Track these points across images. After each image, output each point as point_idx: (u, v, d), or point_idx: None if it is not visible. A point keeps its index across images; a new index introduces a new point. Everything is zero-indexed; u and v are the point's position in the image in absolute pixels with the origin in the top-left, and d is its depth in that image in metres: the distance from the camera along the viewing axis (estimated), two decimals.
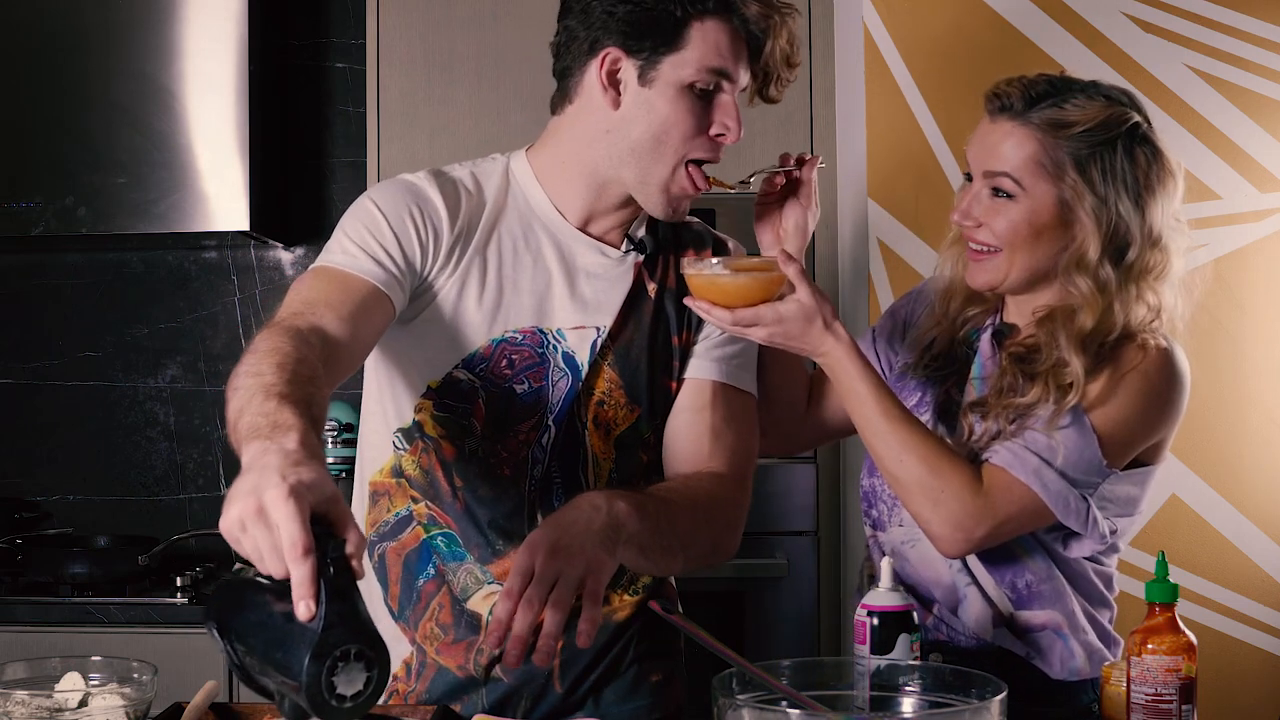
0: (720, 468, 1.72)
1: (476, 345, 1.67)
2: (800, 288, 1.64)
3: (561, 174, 1.71)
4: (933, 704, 1.33)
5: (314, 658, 1.07)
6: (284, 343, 1.38)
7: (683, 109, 1.63)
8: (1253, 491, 3.05)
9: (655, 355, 1.73)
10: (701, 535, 1.67)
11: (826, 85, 2.90)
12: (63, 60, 2.97)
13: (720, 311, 1.64)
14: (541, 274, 1.69)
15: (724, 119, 1.65)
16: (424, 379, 1.68)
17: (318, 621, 1.08)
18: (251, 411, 1.26)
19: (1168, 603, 1.56)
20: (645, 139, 1.64)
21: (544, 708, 1.72)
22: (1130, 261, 1.73)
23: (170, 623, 2.71)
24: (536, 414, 1.68)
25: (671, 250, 1.78)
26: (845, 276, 3.03)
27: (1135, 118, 1.74)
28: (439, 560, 1.70)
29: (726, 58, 1.63)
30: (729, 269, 1.64)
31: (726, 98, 1.65)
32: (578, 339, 1.69)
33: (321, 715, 1.09)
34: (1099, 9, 3.09)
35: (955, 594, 1.77)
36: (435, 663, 1.71)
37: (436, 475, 1.70)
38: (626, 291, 1.72)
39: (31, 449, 3.33)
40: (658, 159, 1.65)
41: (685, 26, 1.62)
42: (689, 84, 1.62)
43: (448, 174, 1.71)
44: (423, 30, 2.95)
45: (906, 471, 1.68)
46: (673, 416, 1.75)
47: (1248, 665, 3.05)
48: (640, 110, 1.64)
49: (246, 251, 3.32)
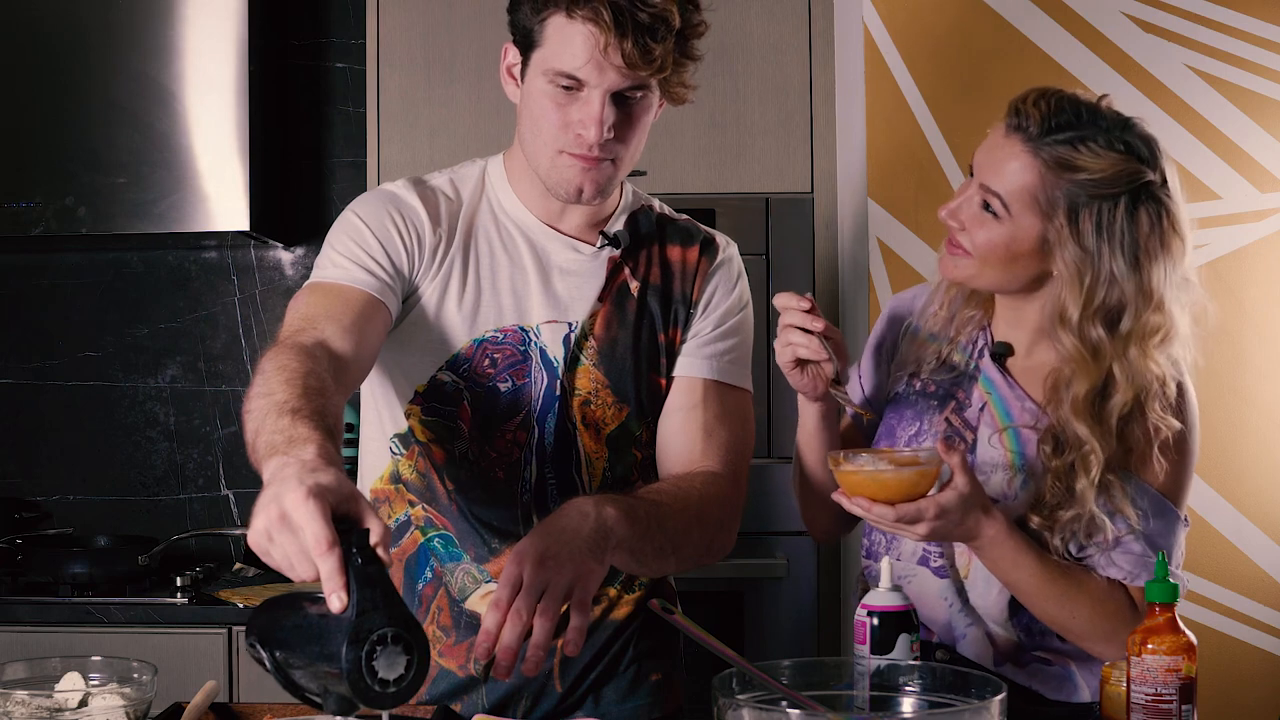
0: (714, 465, 1.71)
1: (458, 347, 1.68)
2: (960, 477, 1.60)
3: (523, 174, 1.73)
4: (933, 704, 1.33)
5: (351, 643, 1.09)
6: (290, 359, 1.40)
7: (548, 104, 1.63)
8: (1253, 491, 3.05)
9: (641, 353, 1.73)
10: (694, 536, 1.66)
11: (826, 85, 2.90)
12: (63, 60, 2.97)
13: (881, 508, 1.58)
14: (519, 273, 1.71)
15: (580, 117, 1.62)
16: (412, 384, 1.70)
17: (351, 609, 1.10)
18: (268, 430, 1.27)
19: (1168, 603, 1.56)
20: (526, 132, 1.68)
21: (544, 707, 1.72)
22: (1127, 327, 1.68)
23: (170, 623, 2.71)
24: (521, 412, 1.69)
25: (655, 246, 1.77)
26: (845, 276, 3.04)
27: (1149, 176, 1.68)
28: (436, 562, 1.71)
29: (572, 57, 1.59)
30: (890, 463, 1.59)
31: (588, 94, 1.61)
32: (550, 334, 1.70)
33: (366, 701, 1.11)
34: (1099, 9, 3.09)
35: (952, 632, 1.75)
36: (437, 665, 1.72)
37: (431, 478, 1.71)
38: (601, 286, 1.72)
39: (31, 449, 3.33)
40: (537, 151, 1.67)
41: (542, 23, 1.62)
42: (548, 80, 1.62)
43: (427, 181, 1.74)
44: (423, 30, 2.95)
45: (1080, 624, 1.69)
46: (665, 416, 1.75)
47: (1248, 665, 3.05)
48: (523, 105, 1.68)
49: (246, 251, 3.32)
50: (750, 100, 2.91)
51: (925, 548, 1.75)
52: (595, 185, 1.65)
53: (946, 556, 1.75)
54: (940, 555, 1.75)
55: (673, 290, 1.76)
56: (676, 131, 2.90)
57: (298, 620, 1.16)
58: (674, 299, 1.76)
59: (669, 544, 1.61)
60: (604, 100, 1.60)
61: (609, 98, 1.60)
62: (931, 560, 1.75)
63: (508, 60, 1.69)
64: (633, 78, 1.60)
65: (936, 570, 1.75)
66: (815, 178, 2.90)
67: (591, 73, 1.59)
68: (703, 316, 1.76)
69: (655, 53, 1.58)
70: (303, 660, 1.15)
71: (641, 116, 1.65)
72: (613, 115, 1.60)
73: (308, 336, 1.49)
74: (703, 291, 1.77)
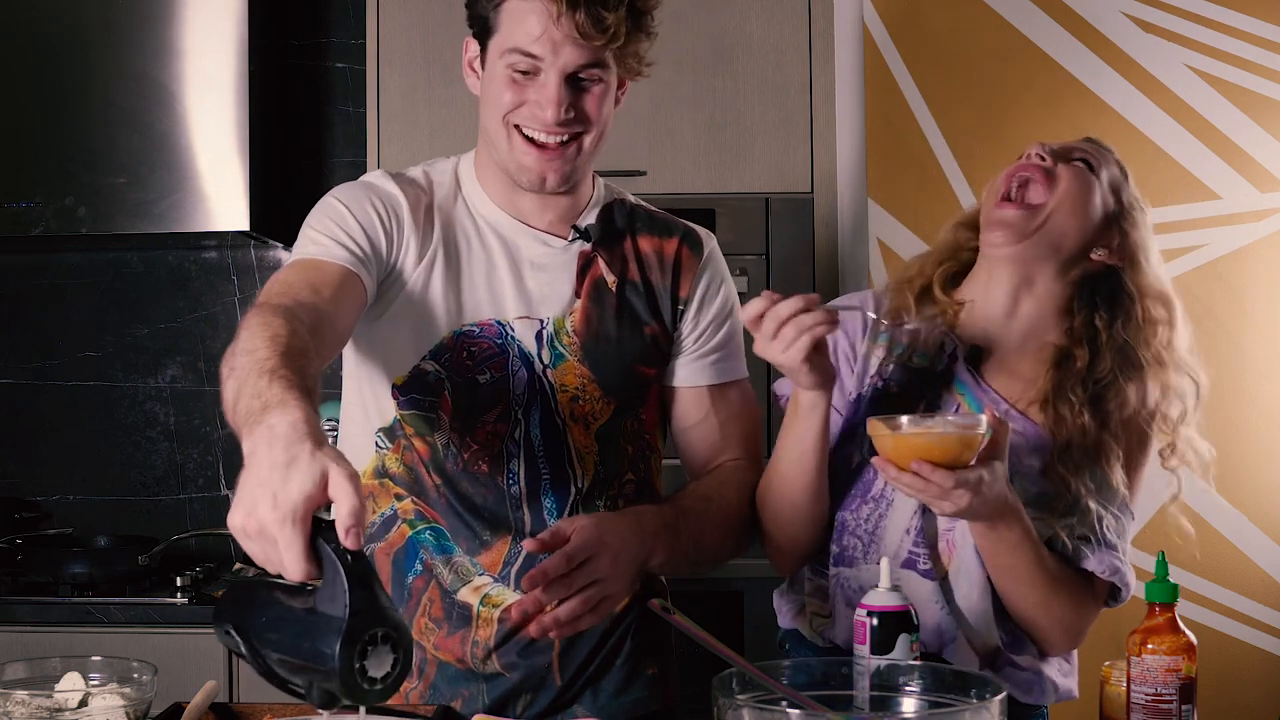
0: (736, 454, 1.81)
1: (440, 336, 1.70)
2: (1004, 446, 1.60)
3: (487, 170, 1.75)
4: (933, 704, 1.33)
5: (345, 644, 1.11)
6: (273, 318, 1.39)
7: (505, 87, 1.65)
8: (1253, 491, 3.05)
9: (625, 347, 1.75)
10: (725, 547, 1.77)
11: (826, 85, 2.90)
12: (63, 60, 2.97)
13: (942, 473, 1.52)
14: (493, 268, 1.72)
15: (537, 97, 1.64)
16: (396, 373, 1.71)
17: (343, 610, 1.11)
18: (247, 394, 1.26)
19: (1168, 603, 1.56)
20: (488, 121, 1.69)
21: (543, 700, 1.73)
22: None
23: (170, 623, 2.71)
24: (500, 404, 1.70)
25: (629, 239, 1.78)
26: (845, 276, 3.04)
27: None
28: (427, 555, 1.72)
29: (525, 36, 1.62)
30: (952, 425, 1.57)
31: (544, 77, 1.63)
32: (524, 329, 1.71)
33: (354, 698, 1.13)
34: (1099, 9, 3.09)
35: (942, 636, 1.74)
36: (435, 658, 1.73)
37: (420, 470, 1.72)
38: (574, 281, 1.74)
39: (31, 449, 3.33)
40: (497, 137, 1.68)
41: (497, 9, 1.65)
42: (506, 65, 1.64)
43: (404, 173, 1.76)
44: (423, 30, 2.95)
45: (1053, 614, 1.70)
46: (680, 432, 1.82)
47: (1248, 665, 3.05)
48: (483, 94, 1.70)
49: (246, 251, 3.32)
50: (750, 100, 2.91)
51: (911, 549, 1.73)
52: (559, 174, 1.68)
53: (931, 556, 1.74)
54: (927, 556, 1.73)
55: (653, 282, 1.77)
56: (676, 131, 2.90)
57: (280, 613, 1.17)
58: (656, 291, 1.77)
59: (699, 557, 1.72)
60: (560, 79, 1.63)
61: (565, 79, 1.63)
62: (919, 563, 1.73)
63: (469, 54, 1.72)
64: (588, 51, 1.62)
65: (924, 573, 1.73)
66: (815, 178, 2.90)
67: (546, 48, 1.61)
68: (697, 315, 1.79)
69: (608, 21, 1.61)
70: (288, 653, 1.17)
71: (602, 97, 1.67)
72: (569, 95, 1.64)
73: (289, 298, 1.50)
74: (694, 289, 1.79)
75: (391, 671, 1.14)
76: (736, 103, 2.91)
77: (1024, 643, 1.75)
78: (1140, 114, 3.10)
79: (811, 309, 1.56)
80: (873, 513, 1.75)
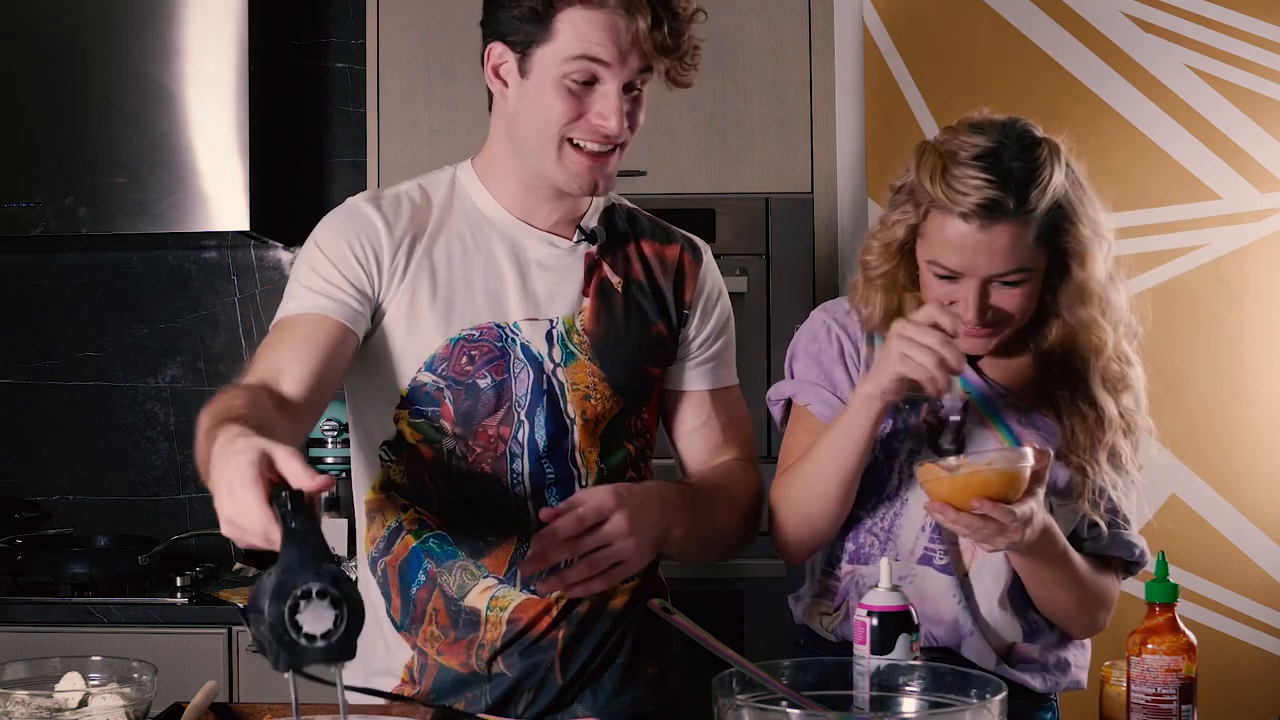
0: (736, 455, 1.85)
1: (434, 347, 1.70)
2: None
3: (499, 172, 1.75)
4: (933, 704, 1.33)
5: (274, 599, 1.15)
6: (235, 396, 1.50)
7: (559, 99, 1.63)
8: (1253, 491, 3.05)
9: (634, 345, 1.76)
10: (735, 534, 1.80)
11: (826, 85, 2.90)
12: (63, 60, 2.97)
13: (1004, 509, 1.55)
14: (493, 271, 1.72)
15: (600, 108, 1.63)
16: (395, 389, 1.71)
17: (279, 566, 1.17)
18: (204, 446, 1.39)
19: (1168, 603, 1.56)
20: (530, 131, 1.67)
21: (544, 699, 1.73)
22: None
23: (170, 623, 2.71)
24: (503, 406, 1.70)
25: (632, 242, 1.80)
26: (845, 276, 3.03)
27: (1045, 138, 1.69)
28: (431, 564, 1.72)
29: (595, 45, 1.60)
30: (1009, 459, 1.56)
31: (606, 87, 1.62)
32: (532, 331, 1.71)
33: (292, 655, 1.16)
34: (1099, 9, 3.09)
35: (959, 630, 1.74)
36: (437, 663, 1.73)
37: (423, 479, 1.72)
38: (581, 281, 1.74)
39: (31, 449, 3.33)
40: (544, 147, 1.66)
41: (552, 17, 1.62)
42: (563, 74, 1.62)
43: (391, 191, 1.76)
44: (423, 30, 2.94)
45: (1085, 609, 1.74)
46: (681, 437, 1.85)
47: (1248, 665, 3.05)
48: (524, 103, 1.66)
49: (246, 251, 3.32)
50: (750, 100, 2.91)
51: (928, 545, 1.75)
52: (609, 178, 1.69)
53: (950, 553, 1.75)
54: (945, 553, 1.74)
55: (659, 284, 1.79)
56: (676, 131, 2.90)
57: (259, 584, 1.21)
58: (662, 293, 1.79)
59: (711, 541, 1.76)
60: (620, 89, 1.63)
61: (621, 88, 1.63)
62: (936, 558, 1.75)
63: (495, 60, 1.69)
64: (647, 60, 1.62)
65: (941, 568, 1.74)
66: (815, 178, 2.90)
67: (614, 57, 1.61)
68: (699, 321, 1.81)
69: (684, 35, 1.63)
70: (251, 619, 1.21)
71: (644, 102, 1.68)
72: (627, 104, 1.64)
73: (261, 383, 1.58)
74: (697, 295, 1.81)
75: (335, 630, 1.16)
76: (736, 103, 2.91)
77: (1041, 631, 1.77)
78: (1140, 114, 3.10)
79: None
80: (888, 511, 1.77)
